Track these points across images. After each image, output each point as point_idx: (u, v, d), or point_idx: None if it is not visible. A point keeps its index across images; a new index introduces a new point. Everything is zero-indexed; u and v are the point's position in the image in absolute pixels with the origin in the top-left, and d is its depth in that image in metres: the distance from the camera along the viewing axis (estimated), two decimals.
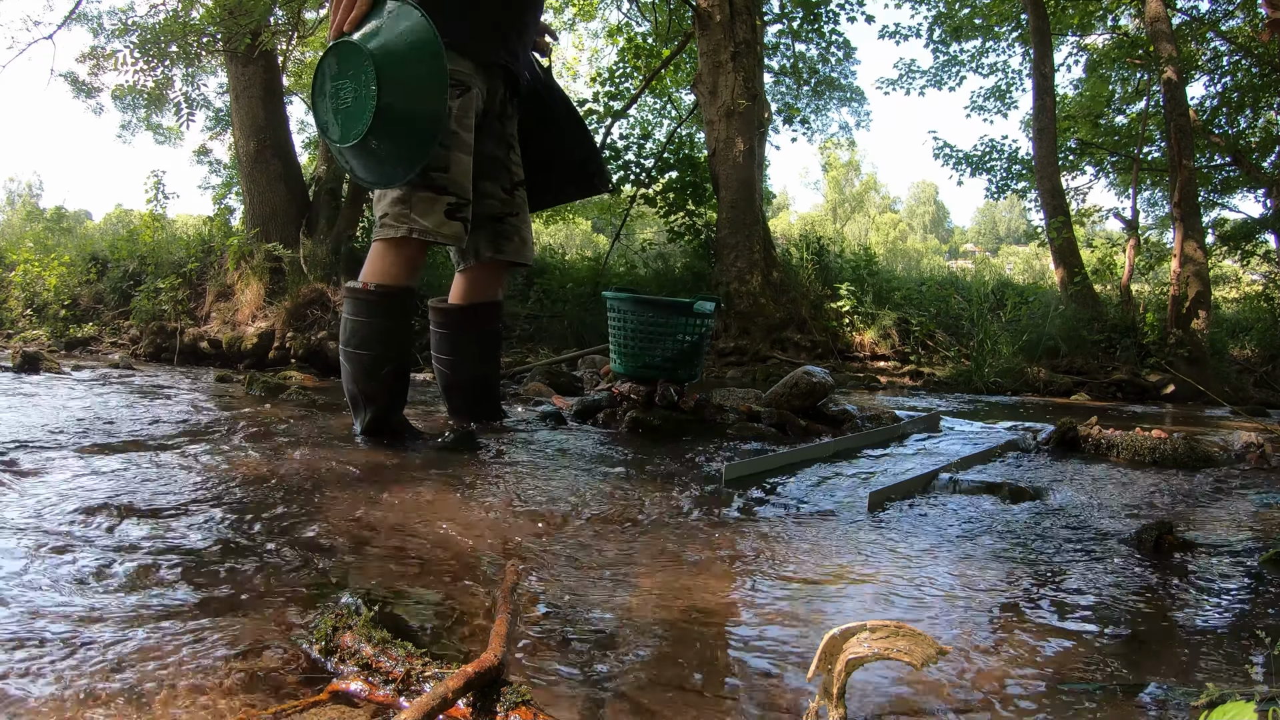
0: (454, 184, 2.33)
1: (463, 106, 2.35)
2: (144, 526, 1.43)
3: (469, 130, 2.37)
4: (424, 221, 2.31)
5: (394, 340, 2.42)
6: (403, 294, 2.41)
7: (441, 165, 2.30)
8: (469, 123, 2.37)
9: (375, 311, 2.38)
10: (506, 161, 2.66)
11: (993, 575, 1.40)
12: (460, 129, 2.34)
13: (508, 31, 2.50)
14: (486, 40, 2.44)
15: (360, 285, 2.39)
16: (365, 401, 2.43)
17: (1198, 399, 6.38)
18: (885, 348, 8.34)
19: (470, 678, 0.78)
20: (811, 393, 3.32)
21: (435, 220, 2.31)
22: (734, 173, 8.20)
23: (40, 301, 8.21)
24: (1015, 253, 50.20)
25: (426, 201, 2.31)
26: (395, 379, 2.44)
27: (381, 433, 2.43)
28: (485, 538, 1.49)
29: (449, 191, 2.32)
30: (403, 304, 2.43)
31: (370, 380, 2.41)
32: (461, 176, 2.35)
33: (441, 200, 2.32)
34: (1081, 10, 12.16)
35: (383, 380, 2.41)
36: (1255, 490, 2.26)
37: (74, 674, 0.87)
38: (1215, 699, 0.84)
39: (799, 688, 0.94)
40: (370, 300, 2.38)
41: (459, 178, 2.34)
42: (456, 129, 2.32)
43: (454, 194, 2.33)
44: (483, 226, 2.65)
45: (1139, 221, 9.99)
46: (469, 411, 2.82)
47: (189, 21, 7.28)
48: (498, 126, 2.62)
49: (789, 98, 14.73)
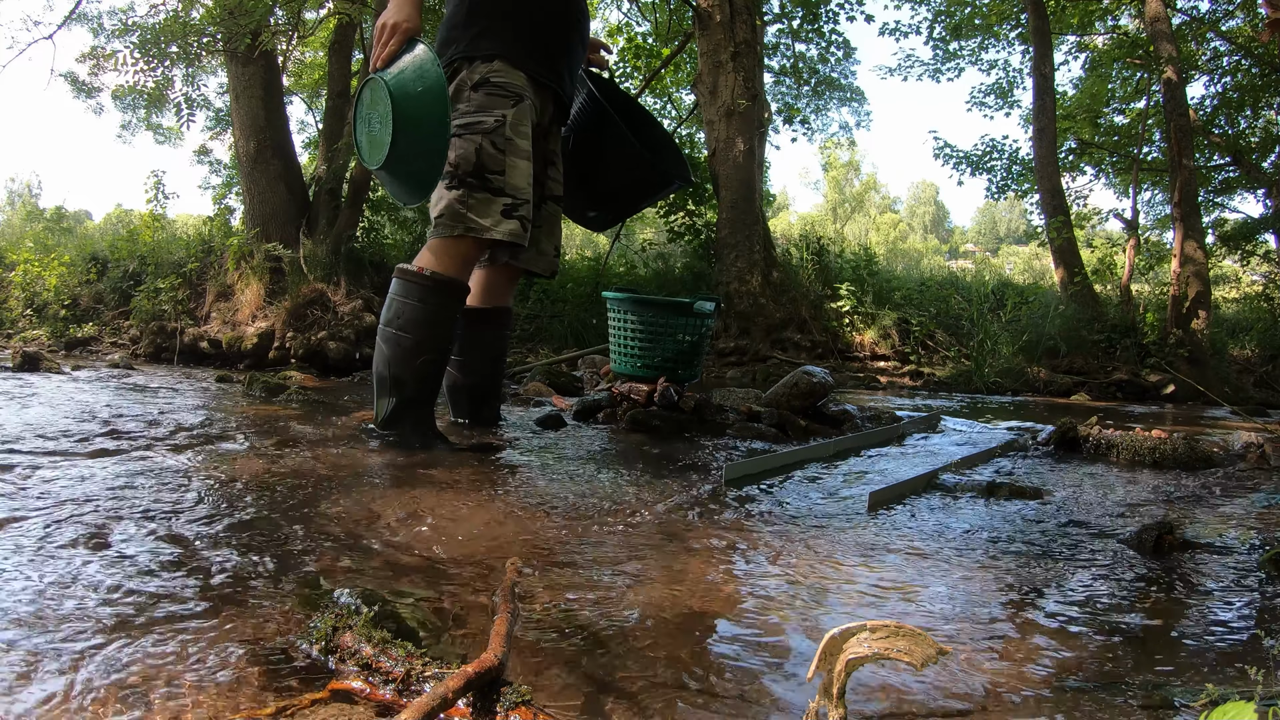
0: (510, 185, 2.40)
1: (517, 115, 2.43)
2: (142, 527, 1.43)
3: (524, 137, 2.44)
4: (481, 220, 2.37)
5: (438, 330, 2.40)
6: (456, 287, 2.43)
7: (498, 168, 2.38)
8: (524, 130, 2.44)
9: (426, 297, 2.38)
10: (542, 177, 2.73)
11: (992, 575, 1.40)
12: (516, 135, 2.42)
13: (556, 55, 2.59)
14: (537, 60, 2.52)
15: (415, 268, 2.40)
16: (393, 387, 2.38)
17: (1198, 399, 6.38)
18: (885, 348, 8.34)
19: (470, 678, 0.78)
20: (811, 393, 3.32)
21: (492, 219, 2.37)
22: (734, 173, 8.20)
23: (40, 301, 8.20)
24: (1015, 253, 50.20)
25: (483, 202, 2.37)
26: (430, 371, 2.41)
27: (399, 425, 2.37)
28: (485, 538, 1.49)
29: (505, 193, 2.39)
30: (454, 296, 2.43)
31: (404, 365, 2.37)
32: (518, 179, 2.42)
33: (498, 201, 2.38)
34: (1081, 10, 12.16)
35: (417, 369, 2.37)
36: (1255, 490, 2.26)
37: (74, 673, 0.87)
38: (1215, 699, 0.84)
39: (799, 687, 0.94)
40: (424, 284, 2.38)
41: (515, 179, 2.41)
42: (512, 135, 2.41)
43: (510, 195, 2.39)
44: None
45: (1139, 221, 9.99)
46: (470, 414, 2.83)
47: (189, 21, 7.27)
48: (541, 142, 2.69)
49: (789, 98, 14.74)
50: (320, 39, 10.39)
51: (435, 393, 2.47)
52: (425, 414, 2.42)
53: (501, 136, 2.38)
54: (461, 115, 2.41)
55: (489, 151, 2.37)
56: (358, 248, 7.37)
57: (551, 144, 2.75)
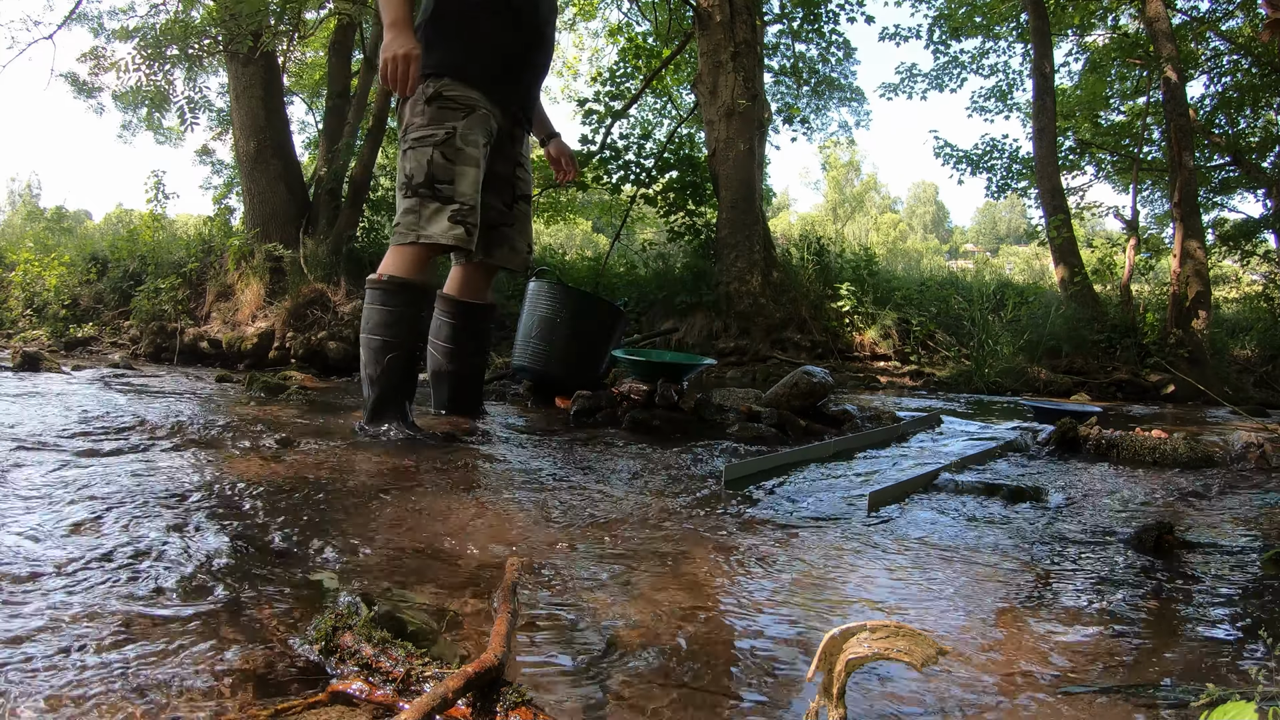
0: (459, 193, 2.57)
1: (468, 125, 2.61)
2: (142, 527, 1.43)
3: (474, 146, 2.61)
4: (430, 229, 2.55)
5: (402, 328, 2.56)
6: (414, 287, 2.58)
7: (447, 178, 2.56)
8: (474, 139, 2.61)
9: (387, 300, 2.57)
10: (511, 178, 2.93)
11: (992, 575, 1.40)
12: (465, 145, 2.59)
13: (512, 68, 2.76)
14: (493, 75, 2.69)
15: (376, 276, 2.61)
16: (370, 385, 2.58)
17: (1198, 399, 6.37)
18: (885, 348, 8.34)
19: (470, 678, 0.78)
20: (811, 393, 3.32)
21: (441, 228, 2.55)
22: (734, 173, 8.20)
23: (40, 301, 8.20)
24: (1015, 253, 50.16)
25: (435, 211, 2.56)
26: (397, 366, 2.56)
27: (381, 418, 2.54)
28: (485, 538, 1.49)
29: (454, 200, 2.56)
30: (414, 296, 2.59)
31: (376, 364, 2.56)
32: (465, 186, 2.58)
33: (447, 209, 2.55)
34: (1081, 10, 12.16)
35: (386, 366, 2.55)
36: (1255, 490, 2.26)
37: (75, 674, 0.87)
38: (1215, 699, 0.84)
39: (799, 688, 0.94)
40: (385, 288, 2.58)
41: (463, 186, 2.58)
42: (462, 146, 2.59)
43: (458, 201, 2.57)
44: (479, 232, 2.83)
45: (1139, 221, 9.98)
46: (454, 402, 3.00)
47: (189, 22, 7.27)
48: (508, 146, 2.88)
49: (789, 98, 14.72)
50: (320, 39, 10.39)
51: (407, 386, 2.61)
52: (401, 408, 2.59)
53: (451, 147, 2.56)
54: (416, 129, 2.60)
55: (439, 162, 2.55)
56: (358, 248, 7.37)
57: (517, 147, 2.93)
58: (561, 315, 3.65)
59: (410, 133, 2.61)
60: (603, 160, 10.25)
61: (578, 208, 13.84)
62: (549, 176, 11.09)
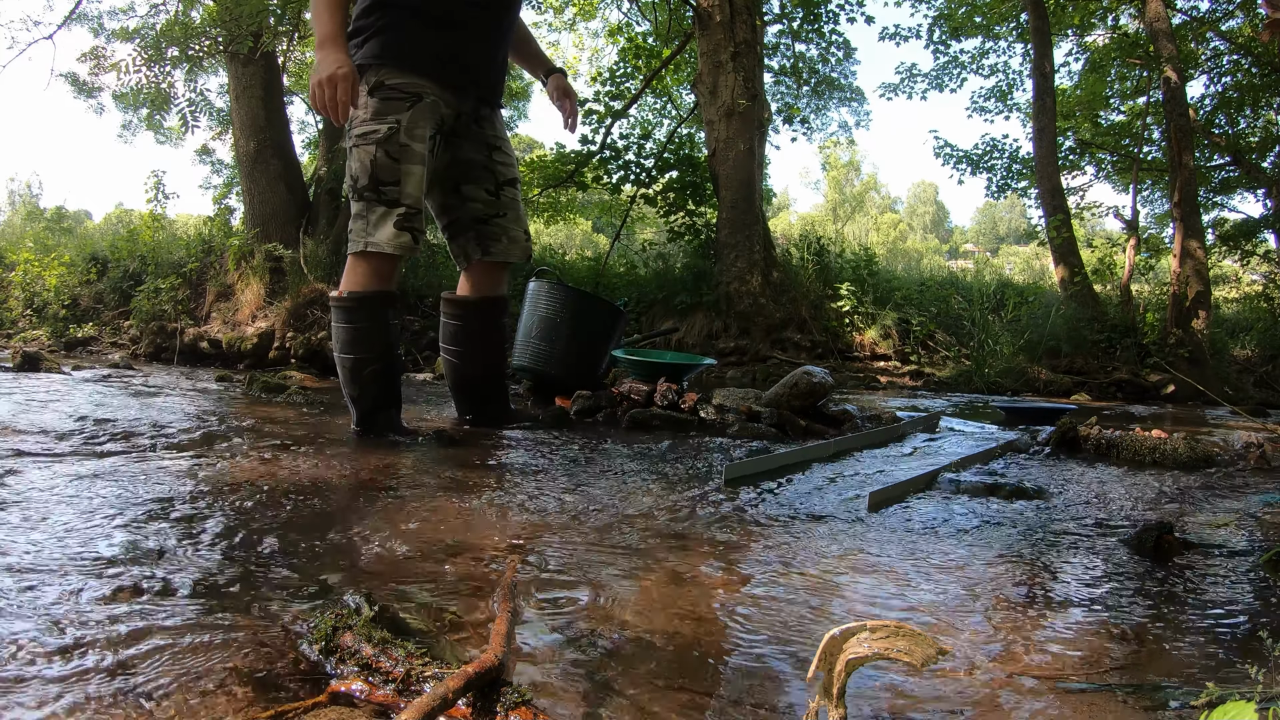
0: (406, 195, 2.43)
1: (413, 118, 2.43)
2: (141, 527, 1.43)
3: (421, 141, 2.45)
4: (377, 236, 2.44)
5: (373, 341, 2.51)
6: (375, 298, 2.50)
7: (392, 178, 2.40)
8: (420, 132, 2.44)
9: (351, 317, 2.50)
10: (488, 163, 2.71)
11: (992, 575, 1.40)
12: (411, 140, 2.42)
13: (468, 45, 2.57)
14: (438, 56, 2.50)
15: (336, 294, 2.53)
16: (352, 402, 2.57)
17: (1198, 399, 6.38)
18: (886, 348, 8.34)
19: (470, 678, 0.78)
20: (811, 393, 3.32)
21: (387, 235, 2.43)
22: (734, 173, 8.20)
23: (40, 301, 8.20)
24: (1015, 253, 50.15)
25: (380, 216, 2.43)
26: (378, 379, 2.53)
27: (369, 429, 2.52)
28: (485, 538, 1.49)
29: (400, 203, 2.43)
30: (376, 306, 2.52)
31: (354, 382, 2.53)
32: (413, 188, 2.45)
33: (393, 213, 2.43)
34: (1081, 10, 12.16)
35: (364, 380, 2.52)
36: (1255, 490, 2.26)
37: (74, 674, 0.87)
38: (1215, 699, 0.84)
39: (799, 687, 0.94)
40: (346, 306, 2.51)
41: (410, 189, 2.44)
42: (408, 141, 2.41)
43: (405, 204, 2.44)
44: (469, 229, 2.72)
45: (1139, 221, 9.98)
46: (477, 411, 2.86)
47: (189, 23, 7.27)
48: (474, 129, 2.69)
49: (789, 98, 14.72)
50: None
51: (390, 396, 2.58)
52: (388, 415, 2.56)
53: (395, 144, 2.40)
54: (359, 124, 2.43)
55: (382, 161, 2.39)
56: None
57: (486, 128, 2.72)
58: (562, 315, 3.65)
59: (354, 128, 2.43)
60: (603, 160, 10.25)
61: (578, 208, 13.83)
62: (549, 176, 11.10)
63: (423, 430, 2.59)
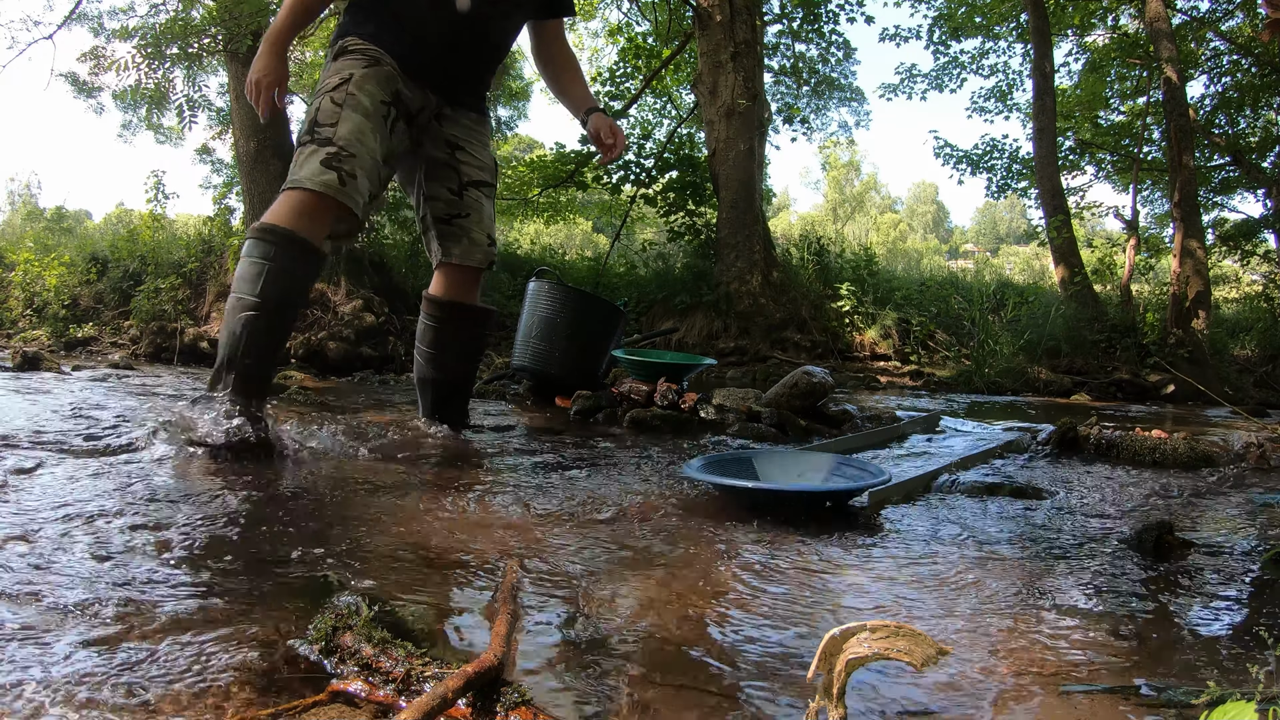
0: (339, 136, 2.30)
1: (366, 75, 2.36)
2: (141, 527, 1.43)
3: (370, 96, 2.36)
4: (300, 173, 2.27)
5: (268, 285, 2.21)
6: (284, 236, 2.23)
7: (330, 121, 2.30)
8: (371, 89, 2.36)
9: (253, 249, 2.25)
10: (451, 161, 2.63)
11: (992, 575, 1.40)
12: (359, 92, 2.34)
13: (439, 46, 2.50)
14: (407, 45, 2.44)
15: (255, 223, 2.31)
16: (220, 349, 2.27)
17: (1198, 399, 6.37)
18: (886, 348, 8.35)
19: (470, 678, 0.78)
20: (811, 393, 3.32)
21: (310, 170, 2.25)
22: (734, 173, 8.20)
23: (40, 301, 8.20)
24: (1015, 253, 50.17)
25: (309, 155, 2.29)
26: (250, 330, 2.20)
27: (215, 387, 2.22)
28: (485, 538, 1.49)
29: (332, 142, 2.29)
30: (288, 247, 2.23)
31: (227, 327, 2.24)
32: (348, 131, 2.31)
33: (322, 150, 2.28)
34: (1081, 10, 12.16)
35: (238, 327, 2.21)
36: (1255, 490, 2.26)
37: (74, 674, 0.87)
38: (1216, 699, 0.84)
39: (799, 687, 0.94)
40: (254, 237, 2.26)
41: (345, 132, 2.30)
42: (355, 91, 2.33)
43: (337, 145, 2.29)
44: (432, 228, 2.67)
45: (1139, 221, 9.99)
46: (436, 411, 2.82)
47: (189, 22, 7.27)
48: (435, 127, 2.60)
49: (789, 98, 14.73)
50: (320, 39, 10.39)
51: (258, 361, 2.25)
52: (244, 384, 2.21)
53: (342, 92, 2.32)
54: (320, 83, 2.41)
55: (326, 106, 2.32)
56: (358, 248, 7.37)
57: (448, 127, 2.63)
58: (562, 315, 3.65)
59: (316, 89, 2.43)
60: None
61: (578, 208, 13.84)
62: (549, 176, 11.10)
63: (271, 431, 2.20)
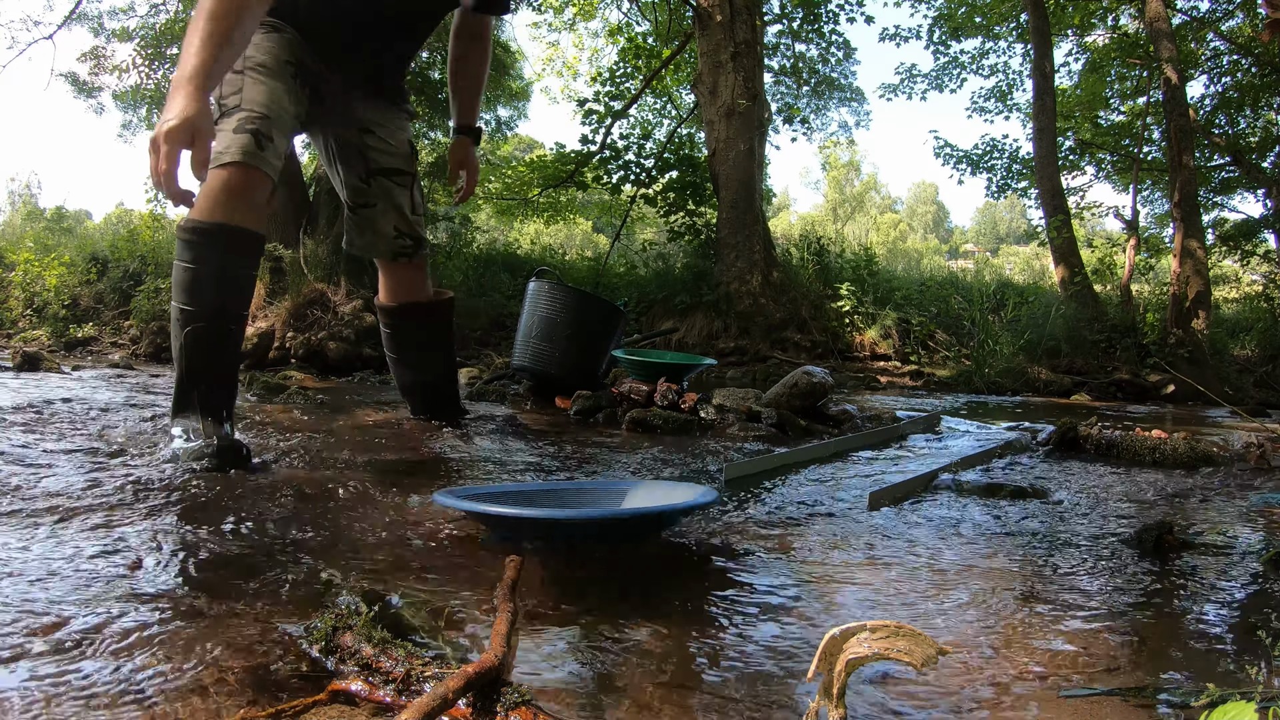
0: (246, 100, 2.12)
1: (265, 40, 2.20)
2: (141, 528, 1.43)
3: (272, 56, 2.20)
4: (217, 147, 2.02)
5: (203, 289, 1.98)
6: (214, 232, 1.98)
7: (234, 90, 2.13)
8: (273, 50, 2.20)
9: (184, 251, 1.99)
10: (360, 145, 2.48)
11: (992, 575, 1.40)
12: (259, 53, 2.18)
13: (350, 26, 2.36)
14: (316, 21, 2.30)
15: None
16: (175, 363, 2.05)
17: (1198, 399, 6.37)
18: (886, 348, 8.35)
19: (470, 678, 0.78)
20: (811, 393, 3.32)
21: (224, 141, 2.04)
22: (734, 173, 8.20)
23: (40, 301, 8.20)
24: (1015, 253, 50.18)
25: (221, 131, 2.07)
26: (198, 344, 1.97)
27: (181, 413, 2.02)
28: (484, 538, 1.49)
29: (240, 108, 2.11)
30: (216, 241, 1.99)
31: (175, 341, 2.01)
32: (253, 93, 2.13)
33: (231, 119, 2.10)
34: (1081, 10, 12.16)
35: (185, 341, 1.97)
36: (1255, 490, 2.26)
37: (73, 673, 0.87)
38: (1216, 699, 0.84)
39: (799, 687, 0.94)
40: (180, 238, 2.01)
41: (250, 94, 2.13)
42: (254, 53, 2.16)
43: (245, 109, 2.11)
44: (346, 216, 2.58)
45: (1139, 221, 9.99)
46: (429, 412, 2.84)
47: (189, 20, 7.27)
48: (341, 107, 2.45)
49: (789, 98, 14.74)
50: None
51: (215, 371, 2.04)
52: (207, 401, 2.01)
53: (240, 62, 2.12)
54: None
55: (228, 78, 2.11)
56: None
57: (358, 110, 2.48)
58: (562, 315, 3.65)
59: None
60: (603, 160, 10.25)
61: (578, 208, 13.84)
62: (549, 176, 11.10)
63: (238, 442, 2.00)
